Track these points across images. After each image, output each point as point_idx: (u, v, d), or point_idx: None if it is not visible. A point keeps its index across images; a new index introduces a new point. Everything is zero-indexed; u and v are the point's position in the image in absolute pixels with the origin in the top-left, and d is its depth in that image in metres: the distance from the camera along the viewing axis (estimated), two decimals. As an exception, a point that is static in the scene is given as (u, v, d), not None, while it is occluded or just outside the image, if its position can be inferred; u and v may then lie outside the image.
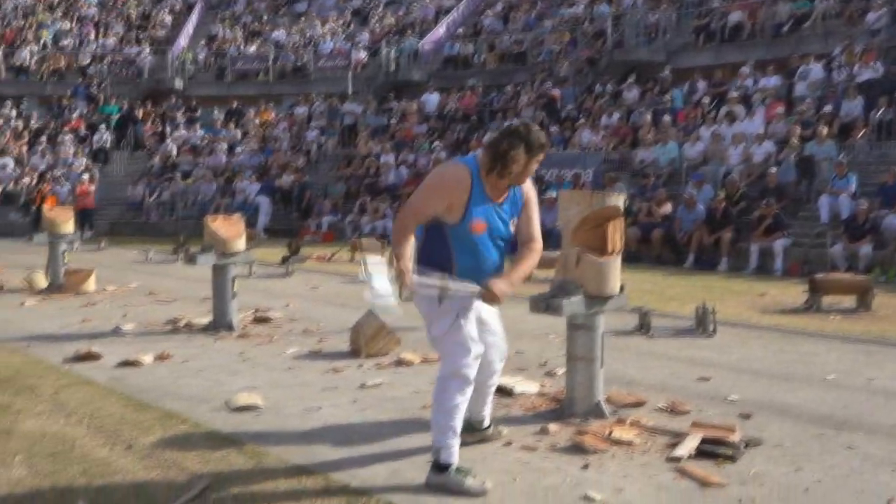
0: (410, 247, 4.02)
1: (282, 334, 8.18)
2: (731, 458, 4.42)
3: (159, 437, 4.86)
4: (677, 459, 4.40)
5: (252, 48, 31.60)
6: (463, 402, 4.09)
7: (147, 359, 6.87)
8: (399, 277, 3.93)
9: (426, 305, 4.12)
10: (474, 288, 4.01)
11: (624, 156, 18.77)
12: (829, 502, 3.87)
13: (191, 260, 8.47)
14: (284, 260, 14.15)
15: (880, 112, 16.00)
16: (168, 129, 27.45)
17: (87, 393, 5.85)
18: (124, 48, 32.16)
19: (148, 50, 31.48)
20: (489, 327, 4.46)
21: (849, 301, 9.81)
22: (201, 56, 31.82)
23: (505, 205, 4.20)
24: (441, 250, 4.10)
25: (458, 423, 4.08)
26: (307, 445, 4.72)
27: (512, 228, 4.24)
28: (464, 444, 4.25)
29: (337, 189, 22.42)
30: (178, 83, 30.07)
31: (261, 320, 8.88)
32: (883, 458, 4.48)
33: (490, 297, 4.05)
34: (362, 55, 29.62)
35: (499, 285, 4.03)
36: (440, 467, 4.03)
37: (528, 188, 4.31)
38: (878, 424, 5.11)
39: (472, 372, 4.10)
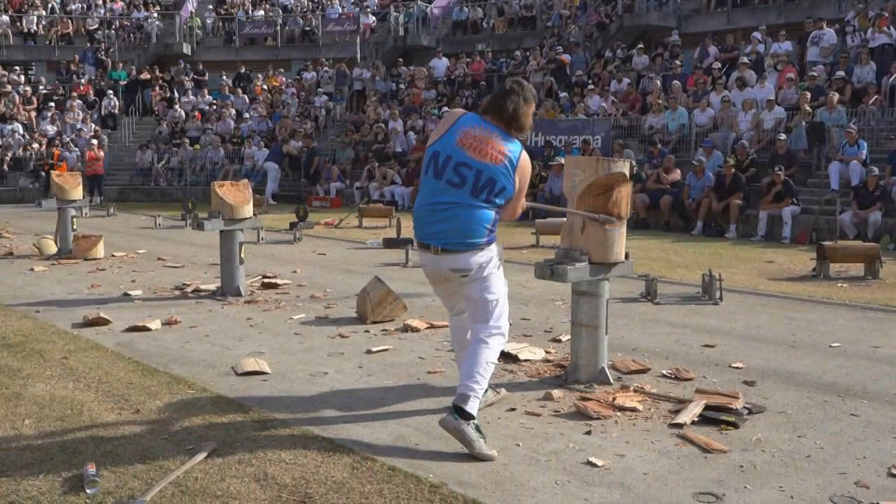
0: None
1: (289, 300, 8.22)
2: (734, 425, 4.44)
3: (167, 401, 4.90)
4: (680, 426, 4.42)
5: (260, 13, 31.42)
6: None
7: (155, 324, 6.92)
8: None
9: (491, 266, 4.31)
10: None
11: (633, 122, 18.66)
12: (832, 468, 3.89)
13: (198, 226, 8.49)
14: (292, 226, 14.18)
15: (893, 78, 15.83)
16: (176, 95, 27.40)
17: (96, 358, 5.90)
18: (132, 13, 32.03)
19: (156, 15, 31.34)
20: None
21: (857, 269, 9.78)
22: (209, 21, 31.66)
23: None
24: (495, 221, 4.32)
25: (487, 380, 4.25)
26: (313, 410, 4.76)
27: None
28: None
29: (345, 155, 22.39)
30: (186, 48, 29.96)
31: (268, 286, 8.92)
32: (886, 425, 4.49)
33: None
34: (371, 20, 29.43)
35: None
36: (463, 414, 4.03)
37: None
38: (881, 392, 5.12)
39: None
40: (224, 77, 27.71)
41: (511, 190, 4.26)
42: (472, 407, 4.07)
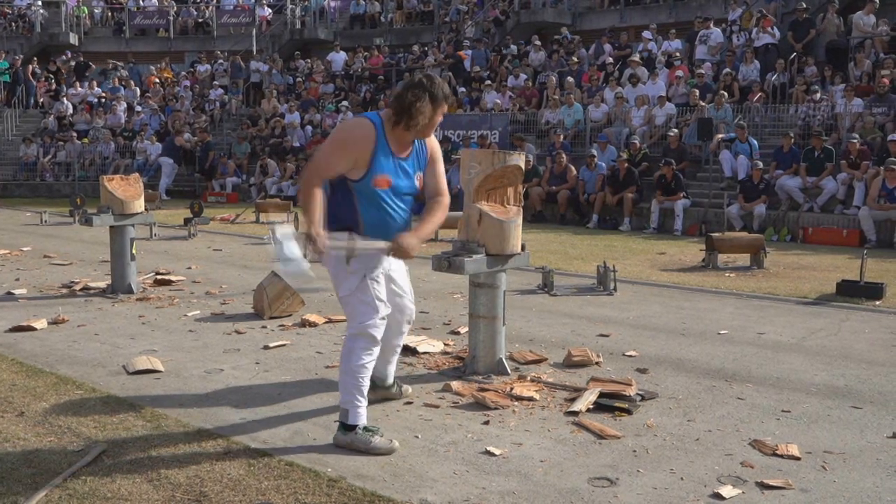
0: (319, 206, 3.94)
1: (183, 297, 8.02)
2: (628, 411, 4.56)
3: (53, 403, 4.72)
4: (576, 413, 4.51)
5: (152, 2, 30.52)
6: (370, 362, 4.11)
7: (41, 324, 6.65)
8: (308, 239, 3.86)
9: (334, 265, 4.07)
10: (382, 245, 3.99)
11: (530, 117, 18.91)
12: (719, 450, 4.02)
13: (87, 221, 8.20)
14: (187, 221, 13.85)
15: (775, 76, 16.50)
16: (63, 87, 26.35)
17: (-24, 359, 5.64)
18: (14, 0, 30.65)
19: (40, 3, 30.07)
20: (397, 287, 4.43)
21: (743, 259, 10.16)
22: (98, 10, 30.58)
23: (410, 159, 4.16)
24: (347, 208, 4.06)
25: (365, 384, 4.09)
26: (208, 408, 4.66)
27: (418, 183, 4.22)
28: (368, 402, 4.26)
29: (242, 149, 21.97)
30: (73, 38, 28.85)
31: (162, 283, 8.69)
32: (770, 407, 4.68)
33: (400, 252, 4.02)
34: (267, 12, 28.96)
35: (408, 240, 4.01)
36: (347, 427, 4.03)
37: (433, 142, 4.30)
38: (766, 376, 5.33)
39: (378, 332, 4.10)
40: (120, 69, 26.79)
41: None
42: (353, 416, 4.03)
